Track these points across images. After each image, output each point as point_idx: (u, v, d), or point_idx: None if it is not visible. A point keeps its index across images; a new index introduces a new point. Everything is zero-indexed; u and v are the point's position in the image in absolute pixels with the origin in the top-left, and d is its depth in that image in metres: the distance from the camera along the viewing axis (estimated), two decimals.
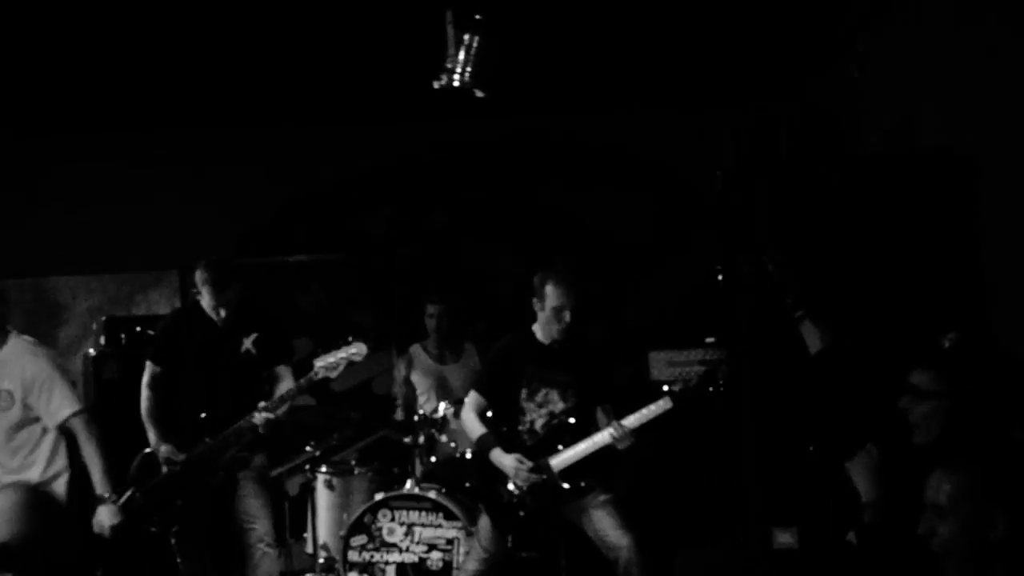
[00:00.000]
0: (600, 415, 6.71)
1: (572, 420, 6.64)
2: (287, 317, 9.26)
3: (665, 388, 6.64)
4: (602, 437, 6.54)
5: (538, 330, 6.75)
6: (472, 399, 6.91)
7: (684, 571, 6.39)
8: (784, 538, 6.42)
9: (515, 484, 6.59)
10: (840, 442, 5.64)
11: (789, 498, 6.28)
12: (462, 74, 6.86)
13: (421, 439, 7.84)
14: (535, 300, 6.69)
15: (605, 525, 6.54)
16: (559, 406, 6.67)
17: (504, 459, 6.61)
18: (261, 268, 9.80)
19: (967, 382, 4.65)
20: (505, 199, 9.96)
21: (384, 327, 9.71)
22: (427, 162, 9.97)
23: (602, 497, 6.63)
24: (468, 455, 7.59)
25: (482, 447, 6.77)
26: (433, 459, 7.84)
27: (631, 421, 6.51)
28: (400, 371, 8.91)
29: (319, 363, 6.75)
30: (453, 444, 7.81)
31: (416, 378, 8.65)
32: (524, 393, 6.70)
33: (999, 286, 5.76)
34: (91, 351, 8.79)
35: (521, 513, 6.62)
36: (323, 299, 10.05)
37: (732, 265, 6.65)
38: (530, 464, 6.55)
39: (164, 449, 6.84)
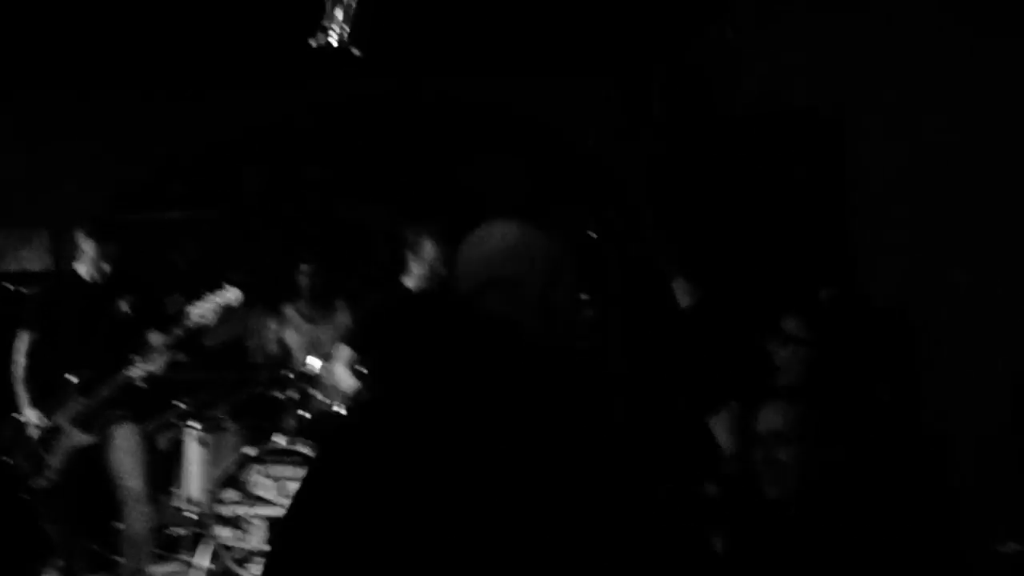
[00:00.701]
0: None
1: None
2: (161, 274, 9.23)
3: None
4: None
5: (410, 283, 6.77)
6: (343, 353, 6.91)
7: None
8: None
9: None
10: (704, 398, 5.74)
11: (654, 451, 6.37)
12: (340, 33, 6.84)
13: (294, 395, 7.84)
14: (410, 255, 6.70)
15: None
16: None
17: None
18: (135, 225, 9.70)
19: (834, 334, 4.77)
20: (382, 159, 9.93)
21: (258, 284, 9.67)
22: (305, 120, 9.92)
23: None
24: (342, 411, 7.59)
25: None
26: (305, 415, 7.84)
27: None
28: (274, 331, 8.90)
29: (193, 310, 6.70)
30: (326, 400, 7.81)
31: (289, 337, 8.63)
32: None
33: (865, 242, 5.88)
34: None
35: None
36: (197, 256, 9.97)
37: (605, 223, 6.71)
38: None
39: (31, 414, 6.81)
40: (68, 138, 9.85)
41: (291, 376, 7.87)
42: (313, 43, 6.86)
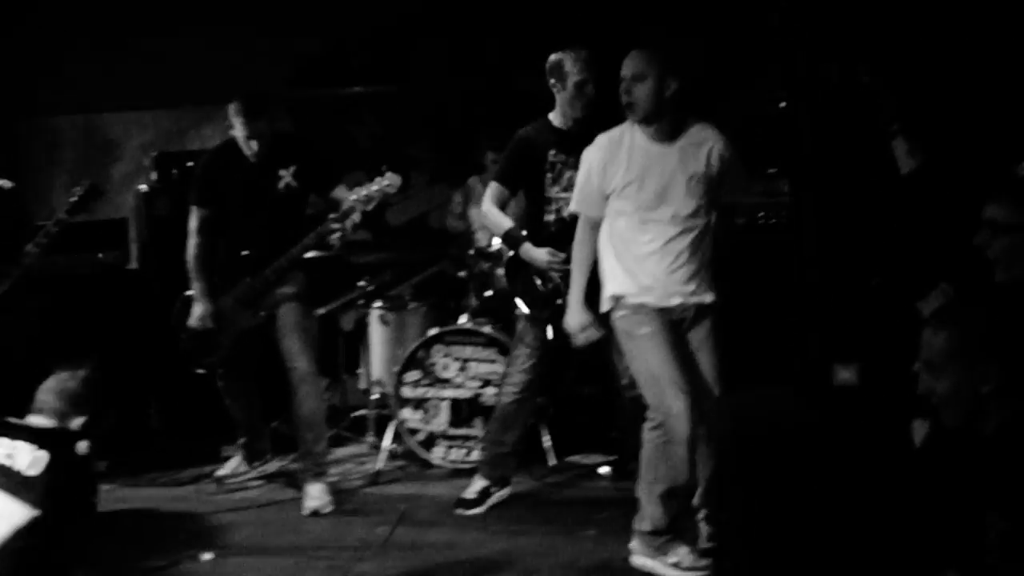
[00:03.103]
0: None
1: None
2: (341, 150, 9.14)
3: None
4: None
5: (555, 117, 6.50)
6: (494, 190, 6.62)
7: (740, 409, 6.19)
8: (845, 375, 6.21)
9: (550, 275, 6.41)
10: (913, 278, 5.40)
11: (851, 334, 6.07)
12: None
13: (476, 273, 7.71)
14: (553, 82, 6.42)
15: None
16: None
17: (535, 252, 6.38)
18: (315, 100, 9.67)
19: None
20: (562, 31, 9.58)
21: (440, 160, 9.53)
22: None
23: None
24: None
25: (511, 242, 6.55)
26: (488, 293, 7.71)
27: None
28: (457, 205, 8.78)
29: (352, 196, 6.51)
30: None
31: (474, 212, 8.44)
32: (549, 178, 6.45)
33: None
34: (143, 187, 8.68)
35: (559, 301, 6.37)
36: (378, 132, 9.83)
37: (813, 82, 6.39)
38: (563, 256, 6.30)
39: (200, 309, 6.80)
40: (247, 12, 9.72)
41: (474, 254, 7.73)
42: None
